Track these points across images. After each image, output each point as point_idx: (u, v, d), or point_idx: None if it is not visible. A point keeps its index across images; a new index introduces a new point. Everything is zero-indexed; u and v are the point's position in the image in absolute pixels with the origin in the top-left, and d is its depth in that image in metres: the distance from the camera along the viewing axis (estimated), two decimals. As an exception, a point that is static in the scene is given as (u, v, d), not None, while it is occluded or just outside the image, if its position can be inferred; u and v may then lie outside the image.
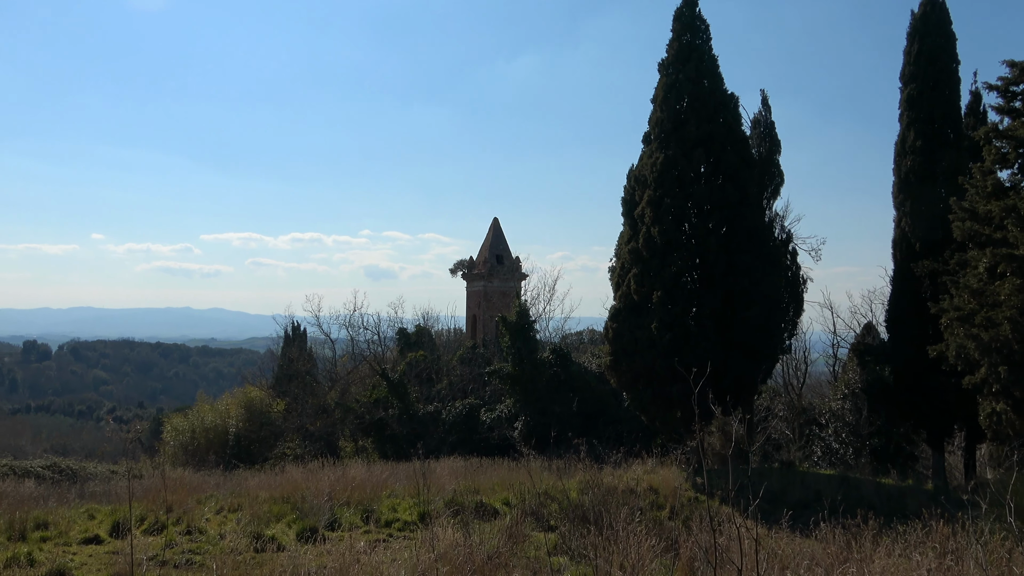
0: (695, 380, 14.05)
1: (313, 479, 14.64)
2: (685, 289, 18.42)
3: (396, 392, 28.68)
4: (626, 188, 20.27)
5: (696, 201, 18.54)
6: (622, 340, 19.08)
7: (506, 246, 43.22)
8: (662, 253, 18.51)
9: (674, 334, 18.03)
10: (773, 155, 20.08)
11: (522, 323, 26.91)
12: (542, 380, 26.33)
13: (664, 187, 18.52)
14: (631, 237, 19.47)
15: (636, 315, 18.95)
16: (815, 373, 31.29)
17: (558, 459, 18.47)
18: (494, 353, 33.96)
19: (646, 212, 18.76)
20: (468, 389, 31.50)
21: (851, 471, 18.81)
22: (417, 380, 31.40)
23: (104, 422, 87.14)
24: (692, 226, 18.72)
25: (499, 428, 26.55)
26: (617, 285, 19.94)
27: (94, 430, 74.19)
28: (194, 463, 27.54)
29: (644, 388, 19.11)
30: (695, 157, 18.46)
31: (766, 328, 18.68)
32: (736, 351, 18.35)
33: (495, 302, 40.26)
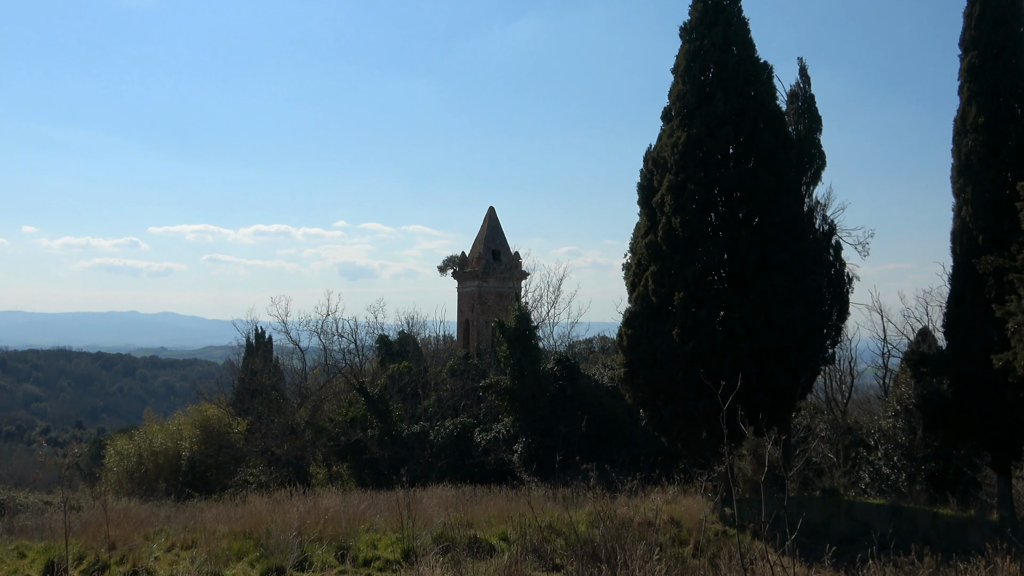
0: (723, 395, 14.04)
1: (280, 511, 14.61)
2: (711, 289, 18.42)
3: (376, 410, 28.67)
4: (643, 173, 20.25)
5: (724, 187, 18.54)
6: (638, 349, 19.07)
7: (504, 240, 43.23)
8: (684, 247, 18.50)
9: (699, 342, 18.02)
10: (813, 134, 20.09)
11: (522, 329, 26.90)
12: (545, 395, 26.31)
13: (687, 171, 18.53)
14: (649, 229, 19.47)
15: (654, 320, 18.93)
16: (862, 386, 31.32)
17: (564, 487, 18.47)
18: (490, 364, 33.94)
19: (666, 200, 18.75)
20: (460, 406, 31.45)
21: (904, 500, 18.83)
22: (400, 395, 31.37)
23: (36, 445, 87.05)
24: (719, 216, 18.71)
25: (496, 451, 26.54)
26: (632, 285, 19.93)
27: (25, 454, 74.11)
28: (141, 492, 27.50)
29: (664, 404, 19.10)
30: (723, 136, 18.47)
31: (806, 335, 18.68)
32: (771, 361, 18.36)
33: (491, 305, 40.28)
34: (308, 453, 29.97)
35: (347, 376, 34.15)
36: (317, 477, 30.22)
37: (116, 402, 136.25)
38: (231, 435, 32.12)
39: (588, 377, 27.97)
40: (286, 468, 28.79)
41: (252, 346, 40.25)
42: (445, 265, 43.25)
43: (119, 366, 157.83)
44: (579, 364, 28.35)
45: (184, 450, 31.79)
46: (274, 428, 30.33)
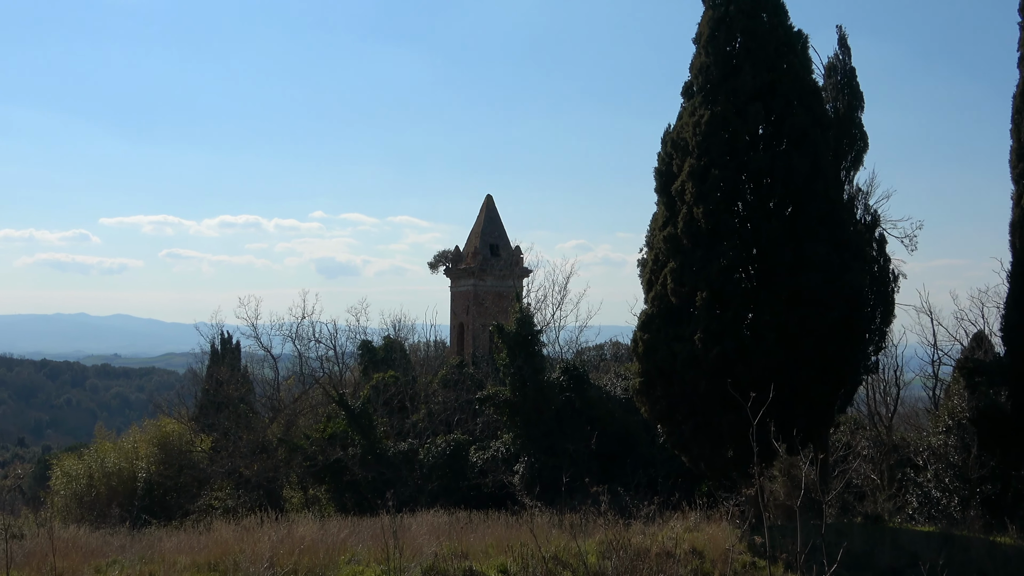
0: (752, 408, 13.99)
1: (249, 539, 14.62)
2: (738, 288, 18.41)
3: (358, 425, 28.67)
4: (660, 156, 20.24)
5: (752, 172, 18.53)
6: (655, 356, 19.06)
7: (503, 232, 43.25)
8: (708, 241, 18.49)
9: (724, 348, 18.01)
10: (854, 112, 20.09)
11: (524, 334, 26.91)
12: (550, 409, 26.31)
13: (710, 154, 18.52)
14: (667, 220, 19.46)
15: (674, 323, 18.92)
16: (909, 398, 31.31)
17: (571, 512, 18.45)
18: (487, 373, 33.95)
19: (686, 187, 18.75)
20: (453, 421, 31.46)
21: (957, 527, 18.81)
22: (386, 409, 31.38)
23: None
24: (747, 205, 18.69)
25: (494, 472, 26.54)
26: (649, 283, 19.92)
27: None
28: (92, 518, 27.51)
29: (685, 419, 19.08)
30: (751, 114, 18.46)
31: (845, 340, 18.68)
32: (806, 370, 18.35)
33: (488, 306, 40.31)
34: (281, 474, 29.97)
35: (325, 387, 34.17)
36: (291, 501, 30.22)
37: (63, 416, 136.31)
38: (194, 454, 32.12)
39: (598, 388, 27.96)
40: (256, 491, 28.80)
41: (218, 353, 40.26)
42: (436, 261, 43.28)
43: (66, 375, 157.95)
44: (588, 373, 28.35)
45: (141, 471, 31.81)
46: (242, 446, 30.33)
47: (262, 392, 38.13)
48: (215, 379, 36.22)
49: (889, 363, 27.15)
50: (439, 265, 43.22)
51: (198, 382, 40.87)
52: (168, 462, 31.69)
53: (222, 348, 40.66)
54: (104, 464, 32.43)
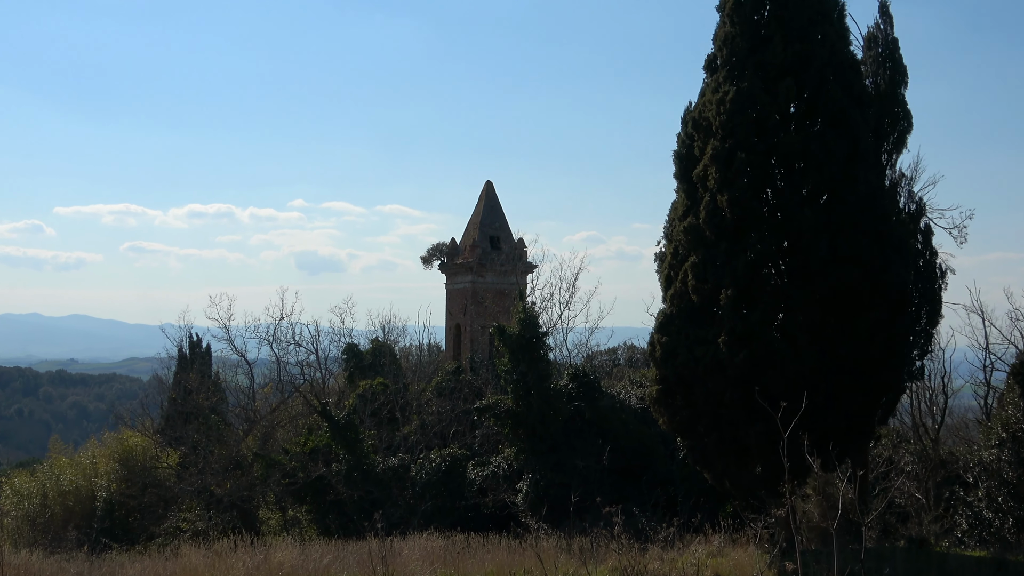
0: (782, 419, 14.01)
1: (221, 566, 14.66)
2: (767, 285, 18.41)
3: (343, 438, 28.73)
4: (680, 138, 20.23)
5: (783, 155, 18.52)
6: (675, 360, 19.07)
7: (505, 223, 43.27)
8: (733, 232, 18.49)
9: (751, 352, 18.02)
10: (896, 88, 20.06)
11: (528, 336, 26.93)
12: (557, 420, 26.34)
13: (736, 135, 18.51)
14: (688, 209, 19.46)
15: (695, 324, 18.92)
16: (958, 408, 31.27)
17: (581, 536, 18.48)
18: (487, 381, 33.98)
19: (709, 172, 18.75)
20: (449, 433, 31.49)
21: (1011, 551, 18.81)
22: (374, 420, 31.43)
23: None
24: (777, 192, 18.69)
25: (495, 490, 26.57)
26: (668, 280, 19.92)
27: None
28: (46, 542, 27.56)
29: (707, 431, 19.08)
30: (782, 91, 18.45)
31: (887, 343, 18.67)
32: (843, 376, 18.35)
33: (488, 305, 40.33)
34: (257, 493, 30.03)
35: (306, 396, 34.21)
36: (269, 523, 30.28)
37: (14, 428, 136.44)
38: (159, 470, 32.17)
39: (611, 397, 27.95)
40: (229, 512, 28.86)
41: (186, 358, 40.28)
42: (430, 255, 43.28)
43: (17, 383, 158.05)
44: (600, 380, 28.35)
45: (100, 489, 31.87)
46: (214, 461, 30.38)
47: (236, 401, 38.17)
48: (183, 387, 36.25)
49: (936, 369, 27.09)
50: (433, 260, 43.23)
51: (164, 390, 40.88)
52: (131, 480, 31.72)
53: (191, 352, 40.68)
54: (60, 482, 32.47)
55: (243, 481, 29.65)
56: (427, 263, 43.51)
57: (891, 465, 23.56)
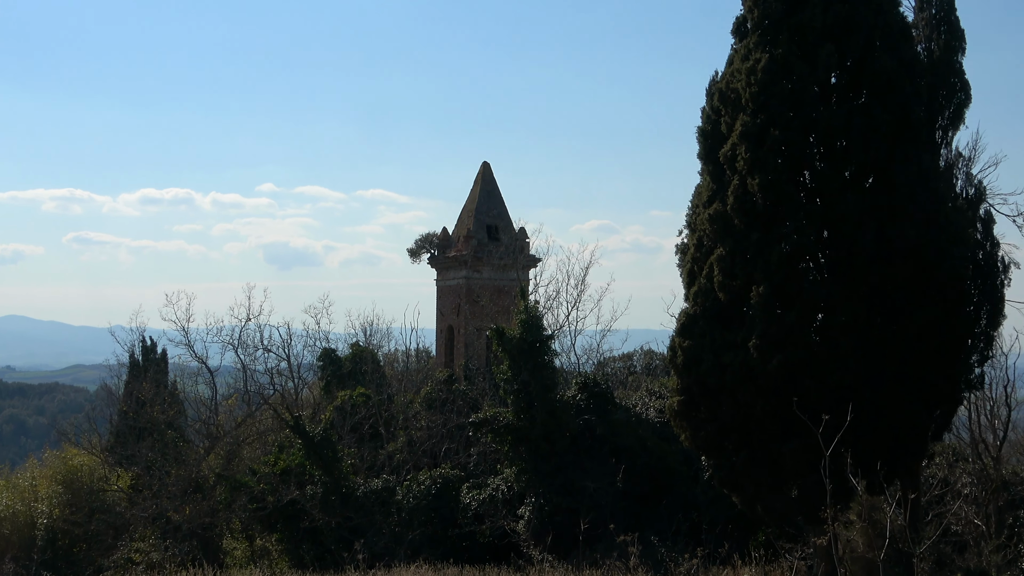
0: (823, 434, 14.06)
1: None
2: (804, 281, 18.40)
3: (319, 457, 28.71)
4: (705, 112, 20.20)
5: (823, 132, 18.50)
6: (699, 367, 19.06)
7: (504, 211, 43.25)
8: (766, 221, 18.48)
9: (787, 357, 18.02)
10: (952, 56, 20.02)
11: (531, 340, 26.90)
12: (564, 436, 26.31)
13: (769, 109, 18.50)
14: (714, 194, 19.45)
15: (723, 326, 18.92)
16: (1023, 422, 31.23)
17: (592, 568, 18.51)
18: (483, 391, 33.95)
19: (738, 152, 18.74)
20: (440, 451, 31.47)
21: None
22: (354, 437, 31.40)
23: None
24: (816, 175, 18.67)
25: (493, 516, 26.55)
26: (691, 275, 19.90)
27: None
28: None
29: (736, 448, 19.06)
30: (821, 58, 18.44)
31: (942, 347, 18.66)
32: (891, 385, 18.34)
33: (485, 305, 40.31)
34: (220, 520, 30.00)
35: (276, 408, 34.18)
36: (234, 554, 30.23)
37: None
38: (109, 494, 32.13)
39: (626, 409, 27.91)
40: (189, 541, 28.81)
41: (138, 365, 40.23)
42: (419, 248, 43.26)
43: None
44: (613, 390, 28.34)
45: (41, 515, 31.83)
46: (171, 484, 30.37)
47: (196, 415, 38.10)
48: (135, 398, 36.20)
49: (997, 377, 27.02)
50: (422, 252, 43.20)
51: (113, 402, 40.85)
52: (76, 504, 31.70)
53: (144, 359, 40.64)
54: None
55: (204, 506, 29.62)
56: (415, 256, 43.49)
57: (946, 487, 23.53)
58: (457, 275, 41.78)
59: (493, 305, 39.78)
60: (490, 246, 41.61)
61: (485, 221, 42.39)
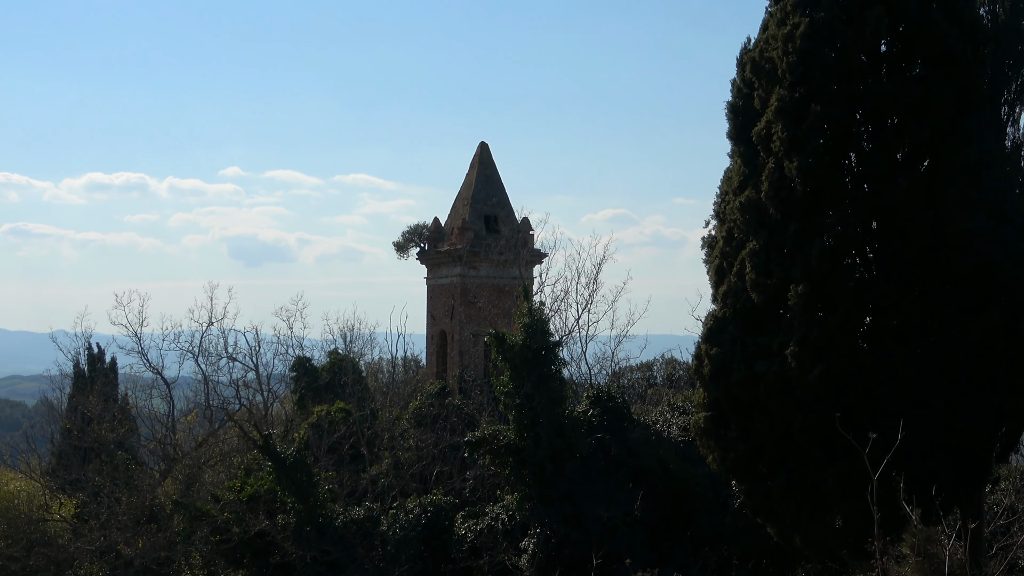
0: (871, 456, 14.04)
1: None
2: (850, 279, 18.40)
3: (291, 482, 28.69)
4: (736, 85, 20.20)
5: (871, 108, 18.50)
6: (729, 379, 19.07)
7: (504, 199, 43.26)
8: (806, 210, 18.49)
9: (830, 366, 18.02)
10: (1020, 20, 20.01)
11: (536, 347, 26.87)
12: (574, 457, 26.29)
13: (809, 82, 18.51)
14: (746, 179, 19.46)
15: (756, 330, 18.92)
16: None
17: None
18: (481, 405, 33.93)
19: (774, 131, 18.74)
20: (431, 475, 31.41)
21: None
22: (332, 458, 31.37)
23: None
24: (864, 157, 18.67)
25: (491, 549, 26.52)
26: (719, 272, 19.90)
27: None
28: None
29: (772, 471, 19.06)
30: (870, 23, 18.45)
31: (1007, 354, 18.64)
32: (950, 399, 18.33)
33: (483, 307, 40.31)
34: (178, 553, 29.98)
35: (242, 426, 34.13)
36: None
37: None
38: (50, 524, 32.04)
39: (645, 427, 27.89)
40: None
41: (84, 376, 40.21)
42: (407, 241, 43.25)
43: None
44: (630, 405, 28.31)
45: (-28, 549, 31.76)
46: (121, 513, 30.37)
47: (150, 433, 38.09)
48: (80, 414, 36.16)
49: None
50: (410, 247, 43.19)
51: (56, 419, 40.84)
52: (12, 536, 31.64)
53: (91, 369, 40.63)
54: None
55: (160, 538, 29.61)
56: (402, 251, 43.48)
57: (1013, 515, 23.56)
58: (450, 272, 41.77)
59: (492, 307, 39.80)
60: (488, 239, 41.61)
61: (483, 210, 42.39)
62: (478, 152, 43.98)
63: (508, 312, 37.28)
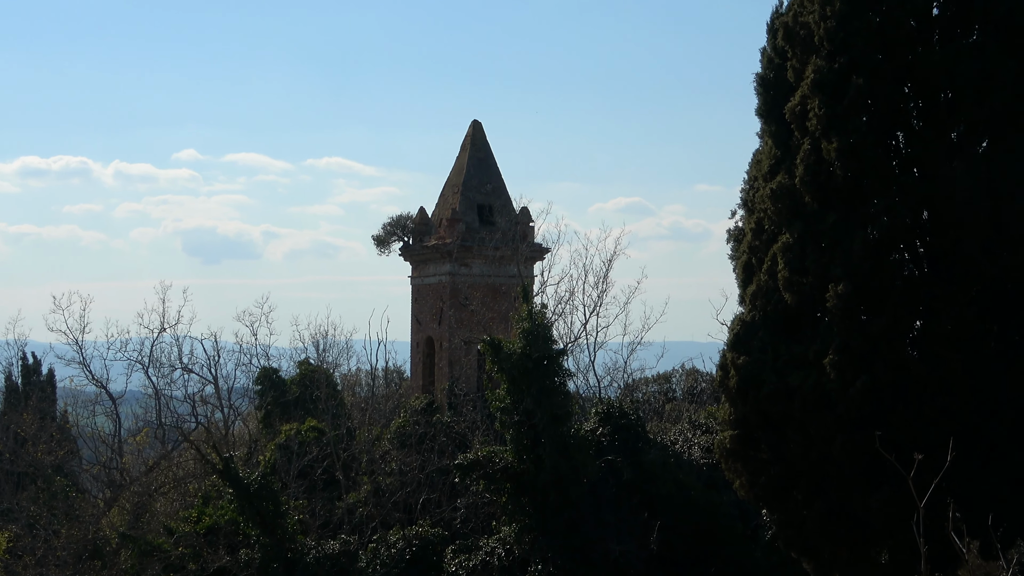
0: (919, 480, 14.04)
1: None
2: (898, 277, 18.41)
3: (256, 511, 28.69)
4: (766, 55, 20.23)
5: (923, 81, 18.52)
6: (758, 392, 19.08)
7: (500, 185, 43.25)
8: (847, 198, 18.51)
9: (875, 378, 18.03)
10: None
11: (537, 356, 26.87)
12: (580, 483, 26.30)
13: (851, 51, 18.52)
14: (778, 163, 19.47)
15: (790, 336, 18.95)
16: None
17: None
18: (474, 423, 33.92)
19: (811, 107, 18.75)
20: (417, 503, 31.41)
21: None
22: (303, 484, 31.38)
23: None
24: (913, 137, 18.68)
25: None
26: (747, 270, 19.92)
27: None
28: None
29: (808, 499, 19.08)
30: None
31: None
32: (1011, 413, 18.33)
33: (476, 310, 40.30)
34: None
35: (199, 448, 34.16)
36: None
37: None
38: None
39: (662, 447, 27.88)
40: (85, 622, 28.83)
41: (17, 390, 40.32)
42: (388, 234, 43.21)
43: None
44: (645, 422, 28.30)
45: None
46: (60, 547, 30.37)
47: (94, 456, 38.11)
48: (13, 434, 36.17)
49: None
50: (392, 240, 43.15)
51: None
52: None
53: (25, 382, 40.74)
54: None
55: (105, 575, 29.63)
56: (383, 246, 43.43)
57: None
58: (438, 270, 41.74)
59: (486, 310, 39.76)
60: (482, 232, 41.58)
61: (475, 199, 42.36)
62: (470, 132, 43.96)
63: (505, 316, 37.27)
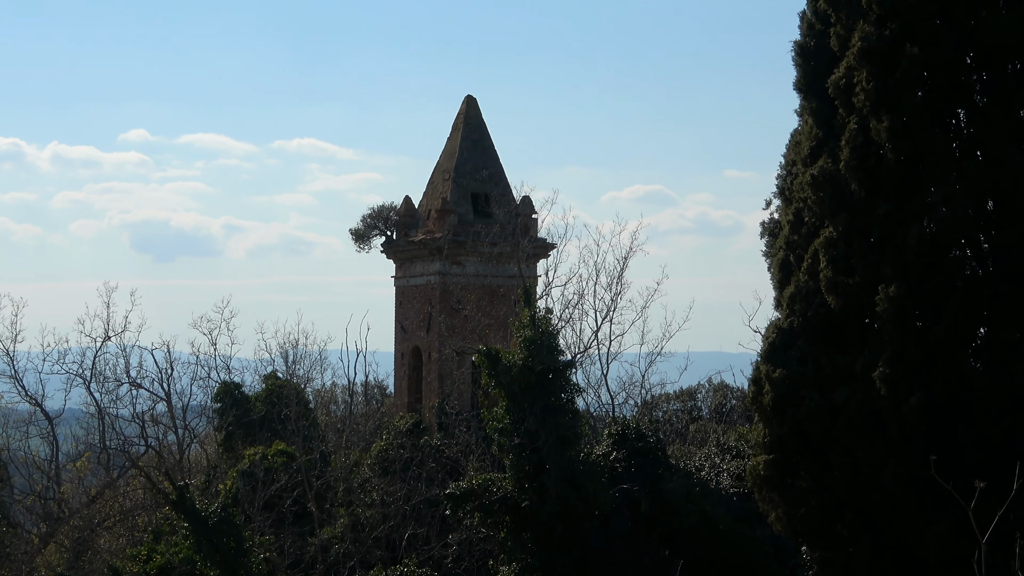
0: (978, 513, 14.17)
1: None
2: (959, 277, 18.50)
3: (214, 549, 28.77)
4: (806, 20, 20.32)
5: (986, 51, 18.59)
6: (797, 411, 19.15)
7: (498, 171, 43.30)
8: (899, 185, 18.59)
9: (932, 393, 18.10)
10: None
11: (541, 369, 26.93)
12: (592, 515, 26.39)
13: (904, 15, 18.56)
14: (820, 145, 19.54)
15: (833, 345, 19.03)
16: None
17: None
18: (468, 446, 33.94)
19: (858, 81, 18.81)
20: (401, 539, 31.50)
21: None
22: (271, 517, 31.44)
23: None
24: (975, 115, 18.76)
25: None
26: (784, 269, 20.01)
27: None
28: None
29: (854, 534, 19.15)
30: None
31: None
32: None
33: (470, 315, 40.34)
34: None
35: (149, 475, 34.24)
36: None
37: None
38: None
39: (686, 474, 27.97)
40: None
41: (-61, 408, 40.26)
42: (368, 228, 43.20)
43: None
44: (666, 445, 28.34)
45: None
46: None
47: (27, 485, 38.15)
48: (-66, 459, 36.18)
49: None
50: (373, 235, 43.17)
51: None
52: None
53: (-53, 399, 40.68)
54: None
55: (41, 623, 29.71)
56: (363, 241, 43.44)
57: None
58: (427, 269, 41.76)
59: (482, 315, 39.77)
60: (477, 225, 41.61)
61: (469, 187, 42.42)
62: (463, 109, 44.00)
63: (504, 322, 37.30)
